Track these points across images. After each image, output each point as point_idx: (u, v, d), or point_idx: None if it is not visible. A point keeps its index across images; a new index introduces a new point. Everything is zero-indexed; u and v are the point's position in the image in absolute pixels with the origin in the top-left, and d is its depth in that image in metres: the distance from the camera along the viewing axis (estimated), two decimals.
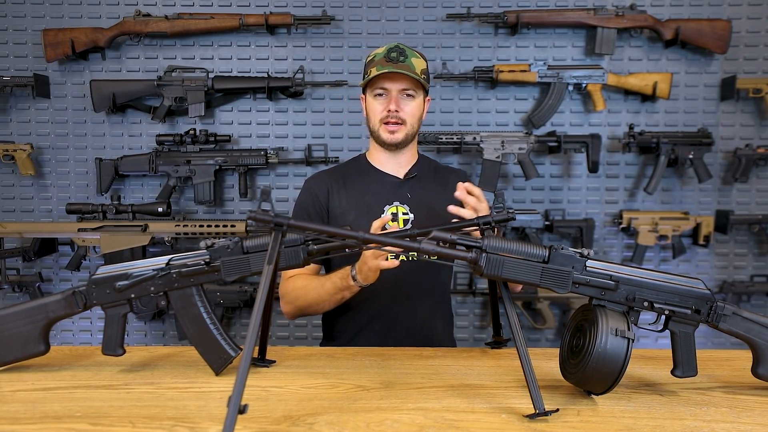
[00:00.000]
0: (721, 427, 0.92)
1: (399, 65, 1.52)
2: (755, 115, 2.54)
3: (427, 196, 1.63)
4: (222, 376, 1.14)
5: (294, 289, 1.55)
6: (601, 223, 2.57)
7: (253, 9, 2.50)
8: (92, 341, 2.59)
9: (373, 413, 0.95)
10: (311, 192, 1.65)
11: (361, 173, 1.67)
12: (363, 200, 1.62)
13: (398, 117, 1.55)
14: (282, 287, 1.59)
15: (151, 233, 2.35)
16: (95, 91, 2.41)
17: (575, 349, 1.03)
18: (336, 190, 1.64)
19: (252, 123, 2.56)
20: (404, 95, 1.56)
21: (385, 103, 1.56)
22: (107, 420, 0.93)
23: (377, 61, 1.55)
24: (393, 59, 1.53)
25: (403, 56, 1.53)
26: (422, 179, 1.67)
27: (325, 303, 1.50)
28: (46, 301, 1.17)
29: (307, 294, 1.52)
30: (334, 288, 1.46)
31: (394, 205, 1.60)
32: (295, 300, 1.55)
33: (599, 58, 2.50)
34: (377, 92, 1.56)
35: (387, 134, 1.57)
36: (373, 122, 1.60)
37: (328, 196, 1.64)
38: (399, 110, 1.55)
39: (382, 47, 1.58)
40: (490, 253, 0.99)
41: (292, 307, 1.57)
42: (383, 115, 1.56)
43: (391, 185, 1.63)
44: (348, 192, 1.63)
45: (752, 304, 2.57)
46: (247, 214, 1.05)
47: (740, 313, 1.05)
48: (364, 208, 1.60)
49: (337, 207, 1.62)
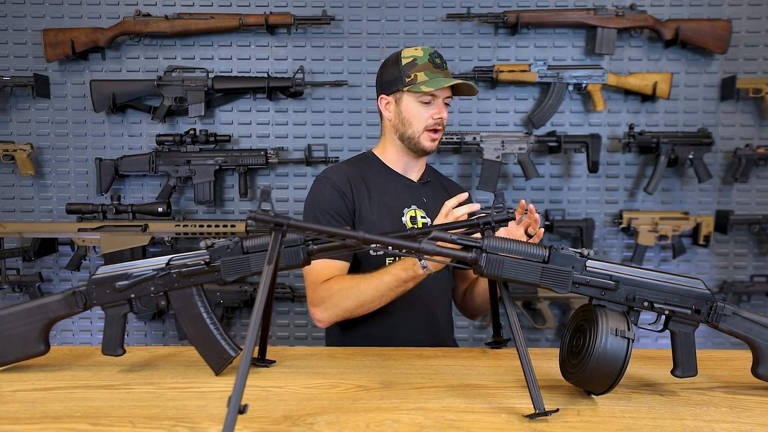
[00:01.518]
0: (721, 427, 0.92)
1: (446, 72, 1.53)
2: (755, 115, 2.54)
3: (439, 202, 1.59)
4: (222, 376, 1.14)
5: (340, 290, 1.43)
6: (601, 223, 2.57)
7: (253, 9, 2.50)
8: (92, 341, 2.59)
9: (373, 413, 0.95)
10: (337, 189, 1.55)
11: (378, 173, 1.62)
12: (383, 201, 1.57)
13: (443, 125, 1.57)
14: (319, 293, 1.46)
15: (151, 233, 2.35)
16: (95, 91, 2.41)
17: (575, 349, 1.03)
18: (359, 188, 1.57)
19: (252, 123, 2.56)
20: (445, 103, 1.57)
21: (431, 109, 1.54)
22: (107, 420, 0.93)
23: (422, 65, 1.53)
24: (439, 66, 1.54)
25: (444, 63, 1.55)
26: (434, 185, 1.69)
27: (384, 298, 1.41)
28: (46, 301, 1.17)
29: (360, 293, 1.41)
30: (397, 281, 1.37)
31: (412, 209, 1.59)
32: (343, 301, 1.43)
33: (599, 58, 2.50)
34: (426, 99, 1.54)
35: (429, 142, 1.57)
36: (415, 128, 1.56)
37: (353, 193, 1.56)
38: (445, 118, 1.57)
39: (417, 48, 1.56)
40: (490, 253, 0.99)
41: (334, 311, 1.45)
42: (430, 122, 1.54)
43: (408, 188, 1.63)
44: (370, 191, 1.58)
45: (752, 304, 2.57)
46: (247, 214, 1.05)
47: (740, 313, 1.05)
48: (385, 210, 1.56)
49: (363, 206, 1.55)
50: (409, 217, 1.57)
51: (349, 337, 1.56)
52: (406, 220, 1.57)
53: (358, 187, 1.57)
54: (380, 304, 1.42)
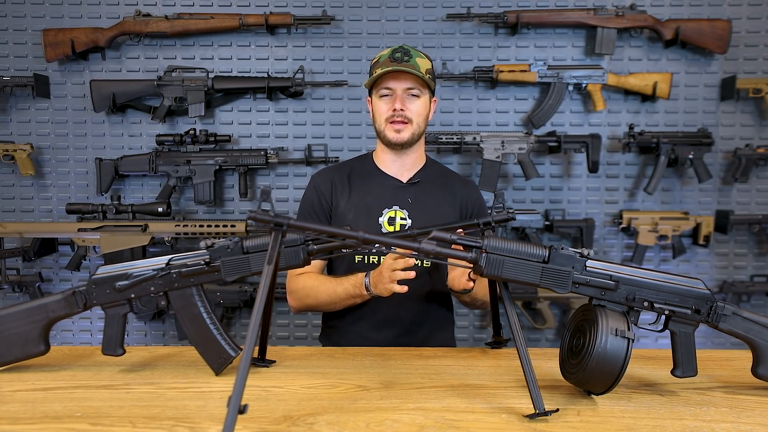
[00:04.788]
0: (721, 427, 0.92)
1: (404, 65, 1.52)
2: (755, 115, 2.54)
3: (429, 202, 1.62)
4: (222, 376, 1.14)
5: (304, 287, 1.57)
6: (601, 223, 2.57)
7: (253, 9, 2.50)
8: (92, 341, 2.59)
9: (373, 413, 0.95)
10: (317, 189, 1.65)
11: (365, 173, 1.67)
12: (364, 201, 1.61)
13: (404, 116, 1.55)
14: (290, 284, 1.60)
15: (151, 233, 2.35)
16: (95, 91, 2.41)
17: (575, 349, 1.03)
18: (340, 187, 1.64)
19: (252, 123, 2.55)
20: (409, 95, 1.55)
21: (390, 102, 1.56)
22: (107, 420, 0.93)
23: (382, 62, 1.55)
24: (398, 59, 1.53)
25: (407, 56, 1.54)
26: (427, 185, 1.65)
27: (336, 305, 1.55)
28: (46, 301, 1.17)
29: (318, 295, 1.55)
30: (346, 294, 1.50)
31: (393, 209, 1.60)
32: (305, 298, 1.57)
33: (599, 58, 2.50)
34: (383, 92, 1.56)
35: (393, 133, 1.56)
36: (379, 122, 1.59)
37: (332, 193, 1.64)
38: (404, 109, 1.55)
39: (388, 49, 1.58)
40: (490, 253, 0.99)
41: (300, 303, 1.60)
42: (389, 114, 1.56)
43: (393, 188, 1.63)
44: (351, 191, 1.63)
45: (752, 304, 2.57)
46: (247, 214, 1.05)
47: (740, 313, 1.05)
48: (364, 209, 1.60)
49: (340, 205, 1.62)
50: (388, 217, 1.60)
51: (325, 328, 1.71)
52: (384, 220, 1.60)
53: (339, 186, 1.64)
54: (336, 308, 1.57)
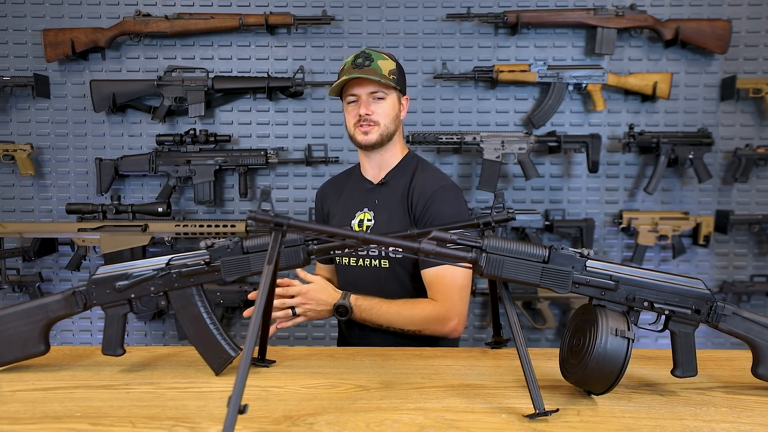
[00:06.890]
0: (721, 427, 0.92)
1: (364, 70, 1.54)
2: (755, 115, 2.54)
3: (390, 202, 1.62)
4: (222, 376, 1.14)
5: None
6: (601, 223, 2.57)
7: (253, 9, 2.50)
8: (92, 341, 2.59)
9: (373, 413, 0.95)
10: (319, 198, 1.79)
11: (350, 179, 1.74)
12: (346, 204, 1.68)
13: (369, 120, 1.58)
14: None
15: (151, 233, 2.35)
16: (95, 91, 2.42)
17: (575, 349, 1.03)
18: (331, 197, 1.74)
19: (252, 123, 2.56)
20: (374, 98, 1.58)
21: (356, 107, 1.59)
22: (107, 420, 0.93)
23: (346, 69, 1.58)
24: (359, 65, 1.55)
25: (368, 60, 1.56)
26: (393, 185, 1.63)
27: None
28: (46, 301, 1.17)
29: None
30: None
31: (363, 211, 1.64)
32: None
33: (599, 58, 2.50)
34: (349, 99, 1.60)
35: (361, 135, 1.59)
36: (349, 127, 1.63)
37: (323, 202, 1.76)
38: (370, 113, 1.57)
39: (352, 55, 1.60)
40: (490, 253, 0.99)
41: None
42: (356, 119, 1.59)
43: (365, 191, 1.67)
44: (339, 197, 1.71)
45: (752, 304, 2.57)
46: (247, 214, 1.05)
47: (740, 313, 1.05)
48: (345, 213, 1.66)
49: (332, 211, 1.72)
50: (359, 220, 1.63)
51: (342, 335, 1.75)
52: (355, 222, 1.63)
53: (333, 193, 1.74)
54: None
